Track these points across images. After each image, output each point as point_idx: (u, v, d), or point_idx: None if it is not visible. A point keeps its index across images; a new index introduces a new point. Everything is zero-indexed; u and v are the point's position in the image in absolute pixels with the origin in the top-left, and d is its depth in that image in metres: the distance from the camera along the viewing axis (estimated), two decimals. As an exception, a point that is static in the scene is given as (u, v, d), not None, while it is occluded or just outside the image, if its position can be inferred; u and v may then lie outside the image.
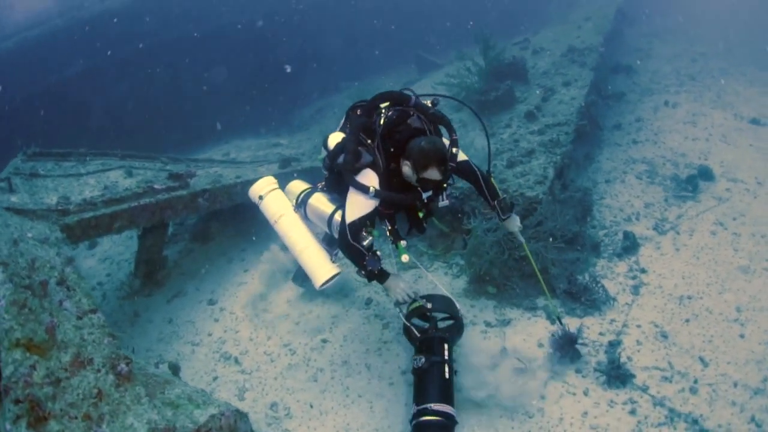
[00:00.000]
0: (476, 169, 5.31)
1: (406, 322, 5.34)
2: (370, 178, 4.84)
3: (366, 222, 4.99)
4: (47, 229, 5.40)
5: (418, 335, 5.26)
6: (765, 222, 8.10)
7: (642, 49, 15.71)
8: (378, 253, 5.18)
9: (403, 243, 5.16)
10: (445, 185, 4.89)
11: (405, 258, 5.05)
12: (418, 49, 16.75)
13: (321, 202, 5.46)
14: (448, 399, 4.91)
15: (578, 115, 9.37)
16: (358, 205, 4.86)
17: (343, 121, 5.53)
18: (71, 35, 14.10)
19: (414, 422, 4.88)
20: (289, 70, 14.95)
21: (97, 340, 3.79)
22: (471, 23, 14.34)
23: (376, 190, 4.75)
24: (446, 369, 5.00)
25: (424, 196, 4.89)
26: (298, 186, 5.91)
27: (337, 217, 5.25)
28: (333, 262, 5.50)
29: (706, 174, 9.26)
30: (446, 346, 5.13)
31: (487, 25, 11.82)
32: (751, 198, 8.74)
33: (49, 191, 6.57)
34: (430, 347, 5.13)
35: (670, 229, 8.11)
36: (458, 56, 11.77)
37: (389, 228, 5.21)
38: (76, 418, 3.23)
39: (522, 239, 5.70)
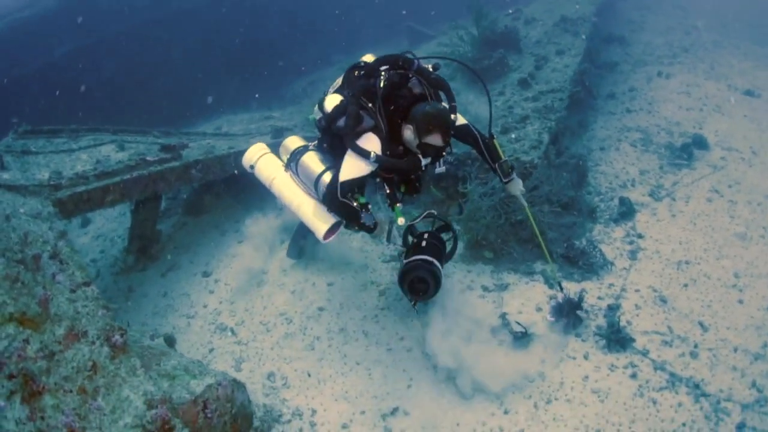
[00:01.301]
0: (476, 131, 5.23)
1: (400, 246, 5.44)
2: (372, 142, 4.74)
3: (357, 184, 4.93)
4: (39, 204, 5.32)
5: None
6: (761, 190, 8.10)
7: (635, 21, 15.54)
8: (369, 205, 5.12)
9: (399, 206, 5.09)
10: (444, 152, 4.81)
11: (401, 221, 4.96)
12: (409, 21, 16.57)
13: (312, 161, 5.27)
14: (427, 253, 4.88)
15: (572, 82, 9.30)
16: (354, 167, 4.78)
17: (340, 81, 5.36)
18: (62, 13, 13.96)
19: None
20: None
21: (91, 312, 3.75)
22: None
23: (377, 155, 4.66)
24: (422, 241, 5.04)
25: (423, 162, 4.81)
26: (294, 142, 5.74)
27: (325, 178, 5.09)
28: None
29: (700, 143, 9.22)
30: (425, 234, 5.15)
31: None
32: (746, 167, 8.73)
33: (41, 167, 6.46)
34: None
35: (666, 196, 8.08)
36: (452, 26, 11.63)
37: (387, 191, 5.12)
38: (71, 391, 3.20)
39: (524, 202, 5.59)
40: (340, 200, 4.89)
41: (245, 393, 4.42)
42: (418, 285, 4.80)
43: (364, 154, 4.67)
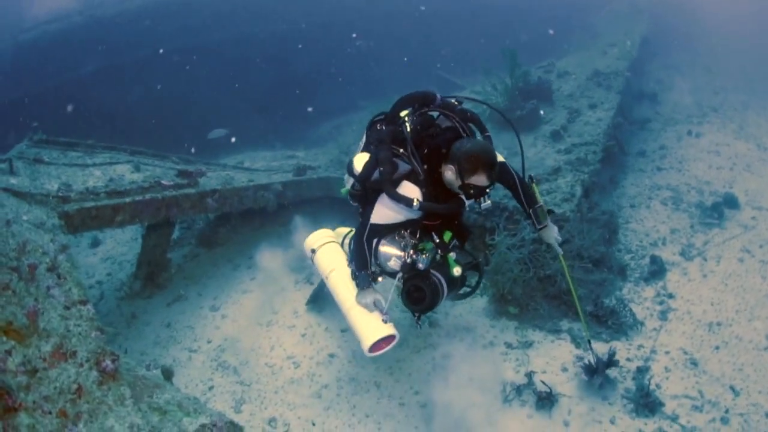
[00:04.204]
0: (514, 172, 4.80)
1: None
2: (410, 190, 4.32)
3: (388, 228, 4.61)
4: (44, 214, 5.11)
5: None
6: (793, 250, 7.84)
7: (663, 81, 15.48)
8: (380, 279, 4.78)
9: (452, 255, 4.67)
10: (488, 191, 4.34)
11: (457, 271, 4.55)
12: (439, 70, 16.55)
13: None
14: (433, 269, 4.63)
15: (605, 135, 9.11)
16: (388, 212, 4.45)
17: (363, 140, 4.99)
18: (90, 30, 14.07)
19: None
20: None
21: (83, 332, 3.48)
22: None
23: (420, 202, 4.24)
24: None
25: (467, 203, 4.40)
26: (344, 229, 5.44)
27: (382, 249, 4.70)
28: (385, 322, 4.69)
29: (731, 202, 9.07)
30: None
31: (514, 47, 11.57)
32: (776, 226, 8.51)
33: (52, 178, 6.26)
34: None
35: (696, 255, 7.83)
36: (485, 72, 11.51)
37: (436, 241, 4.70)
38: (50, 413, 2.94)
39: (559, 250, 5.14)
40: (363, 242, 4.56)
41: (242, 437, 4.10)
42: (415, 294, 4.60)
43: (406, 202, 4.24)
